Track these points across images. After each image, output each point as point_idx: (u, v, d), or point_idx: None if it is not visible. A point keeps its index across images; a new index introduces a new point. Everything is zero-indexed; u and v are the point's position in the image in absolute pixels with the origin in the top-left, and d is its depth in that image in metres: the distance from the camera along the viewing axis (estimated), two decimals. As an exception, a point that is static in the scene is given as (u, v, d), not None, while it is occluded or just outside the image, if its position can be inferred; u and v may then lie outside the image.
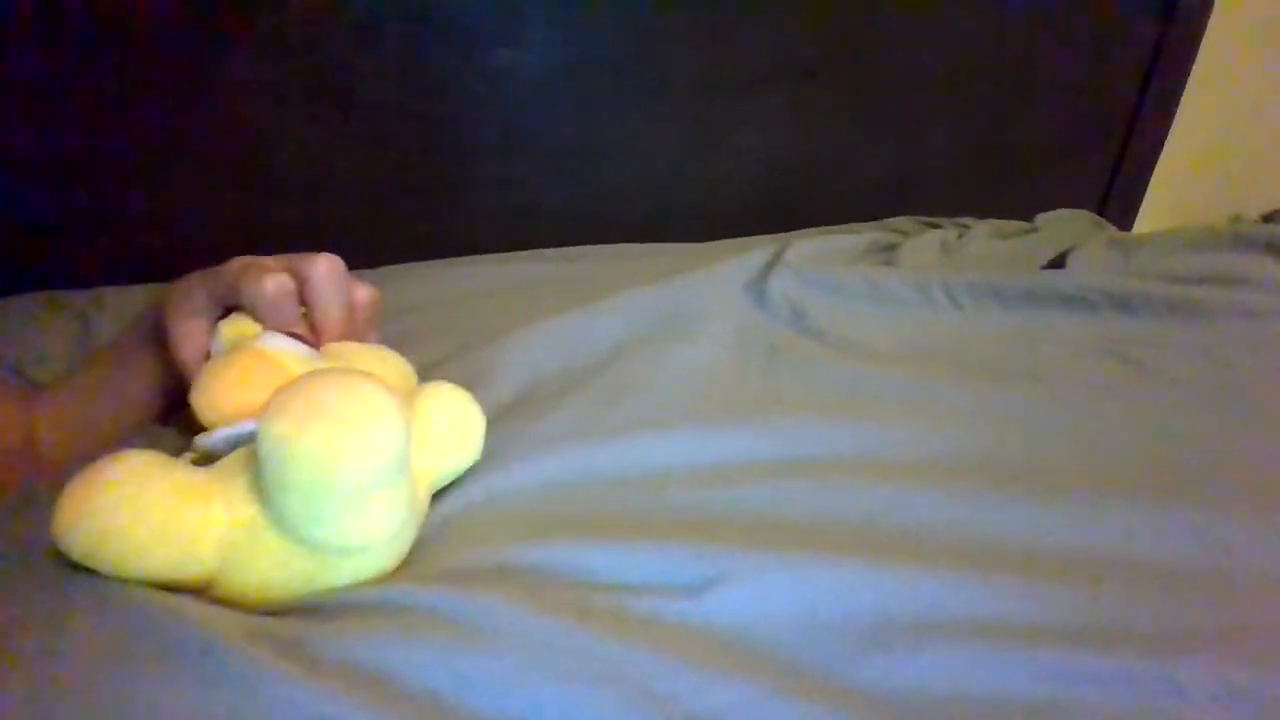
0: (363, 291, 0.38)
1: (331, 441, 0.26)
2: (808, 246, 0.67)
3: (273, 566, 0.29)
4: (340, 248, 0.39)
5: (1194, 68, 0.85)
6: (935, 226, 0.80)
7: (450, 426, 0.34)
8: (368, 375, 0.28)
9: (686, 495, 0.36)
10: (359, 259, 0.67)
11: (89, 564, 0.27)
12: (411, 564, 0.32)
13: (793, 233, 0.80)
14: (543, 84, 0.72)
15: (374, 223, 0.74)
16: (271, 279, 0.34)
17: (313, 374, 0.28)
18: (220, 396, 0.32)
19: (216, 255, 0.39)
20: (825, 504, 0.36)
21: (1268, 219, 0.98)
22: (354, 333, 0.38)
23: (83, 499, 0.27)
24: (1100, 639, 0.29)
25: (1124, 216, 0.93)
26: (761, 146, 0.85)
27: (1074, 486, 0.38)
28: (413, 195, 0.74)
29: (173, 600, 0.27)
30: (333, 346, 0.36)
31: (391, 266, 0.67)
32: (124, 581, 0.27)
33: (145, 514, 0.27)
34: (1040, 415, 0.45)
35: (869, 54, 0.81)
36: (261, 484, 0.28)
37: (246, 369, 0.32)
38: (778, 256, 0.65)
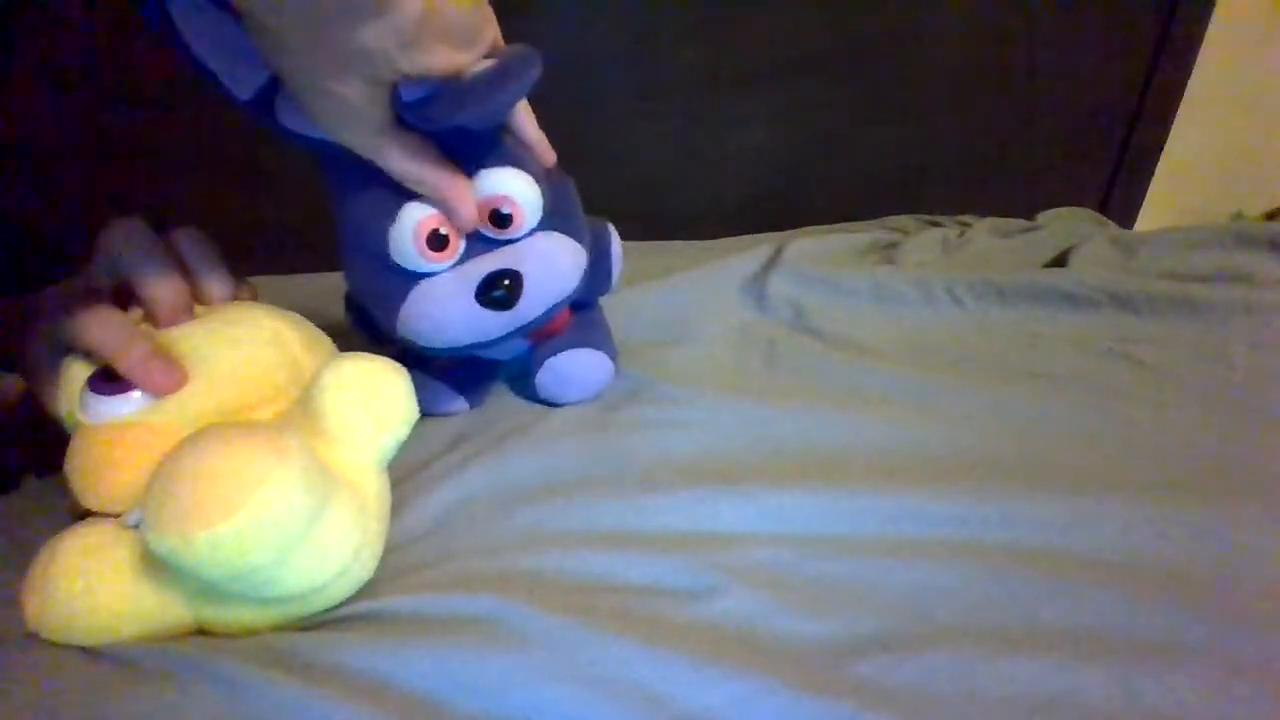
0: (175, 235, 0.35)
1: (223, 537, 0.23)
2: (807, 245, 0.67)
3: (247, 616, 0.29)
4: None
5: (1195, 66, 0.85)
6: (936, 225, 0.80)
7: (365, 404, 0.31)
8: (221, 430, 0.26)
9: (685, 494, 0.36)
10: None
11: (68, 642, 0.27)
12: (410, 564, 0.32)
13: (792, 231, 0.80)
14: (542, 83, 0.72)
15: (374, 222, 0.74)
16: (95, 320, 0.30)
17: (169, 462, 0.25)
18: (93, 491, 0.29)
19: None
20: (825, 504, 0.36)
21: (1270, 217, 0.98)
22: (195, 289, 0.34)
23: (41, 591, 0.27)
24: (1100, 639, 0.29)
25: (1126, 214, 0.93)
26: (761, 145, 0.85)
27: (1074, 485, 0.37)
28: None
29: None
30: (195, 325, 0.32)
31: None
32: None
33: (105, 601, 0.27)
34: (1041, 414, 0.45)
35: (869, 52, 0.81)
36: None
37: (99, 457, 0.29)
38: (777, 255, 0.65)
